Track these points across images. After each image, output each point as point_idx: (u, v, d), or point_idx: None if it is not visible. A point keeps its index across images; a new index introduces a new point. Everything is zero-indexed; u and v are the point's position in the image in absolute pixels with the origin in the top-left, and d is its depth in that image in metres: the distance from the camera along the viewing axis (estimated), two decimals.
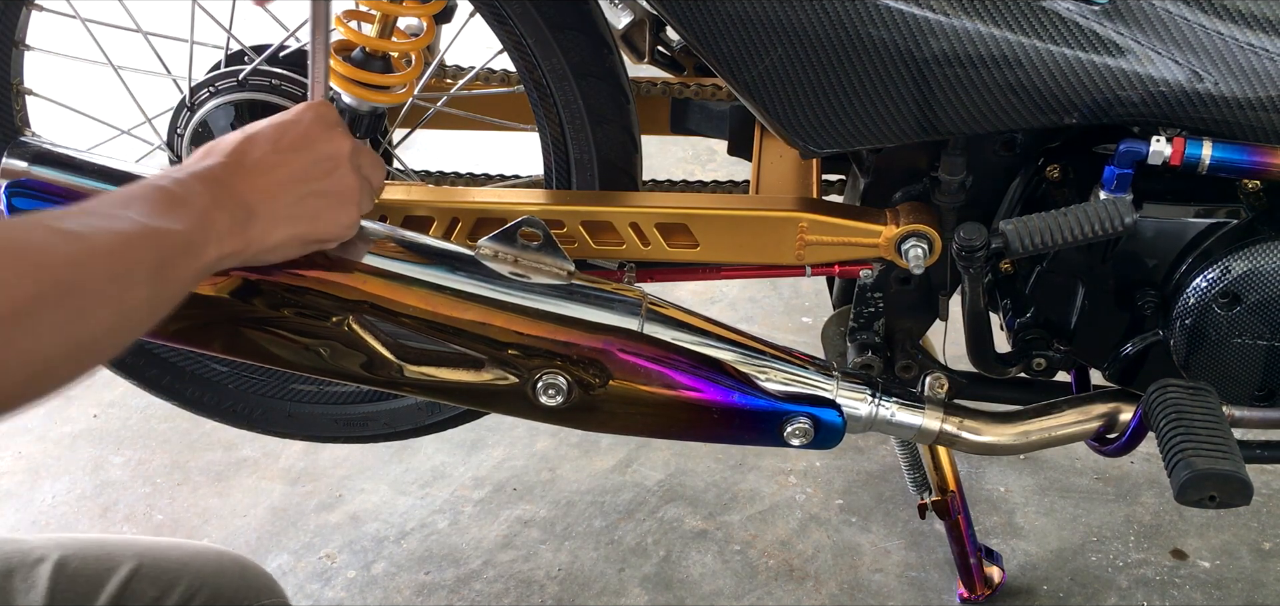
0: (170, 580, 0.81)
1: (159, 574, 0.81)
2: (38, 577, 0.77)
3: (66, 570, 0.79)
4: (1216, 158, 0.99)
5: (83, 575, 0.79)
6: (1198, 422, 0.95)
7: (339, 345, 0.96)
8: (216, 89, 1.27)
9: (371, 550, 1.56)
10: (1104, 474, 1.67)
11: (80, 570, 0.79)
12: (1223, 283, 1.03)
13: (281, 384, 1.42)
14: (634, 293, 1.02)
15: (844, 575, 1.51)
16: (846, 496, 1.64)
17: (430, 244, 1.01)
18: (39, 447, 1.75)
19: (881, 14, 0.96)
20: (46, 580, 0.77)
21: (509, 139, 1.48)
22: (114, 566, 0.80)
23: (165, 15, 1.42)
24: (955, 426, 1.06)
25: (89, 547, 0.82)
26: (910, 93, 0.99)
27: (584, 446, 1.72)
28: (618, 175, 1.20)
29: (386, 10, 1.12)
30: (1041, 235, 0.99)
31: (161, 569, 0.81)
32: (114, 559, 0.81)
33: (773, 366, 1.02)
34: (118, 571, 0.80)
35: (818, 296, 2.08)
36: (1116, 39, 0.96)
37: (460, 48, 1.39)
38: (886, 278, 1.17)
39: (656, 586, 1.50)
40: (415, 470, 1.69)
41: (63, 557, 0.79)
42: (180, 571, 0.82)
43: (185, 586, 0.81)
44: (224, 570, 0.85)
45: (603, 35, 1.13)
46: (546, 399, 0.98)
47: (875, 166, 1.14)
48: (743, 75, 1.01)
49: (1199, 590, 1.49)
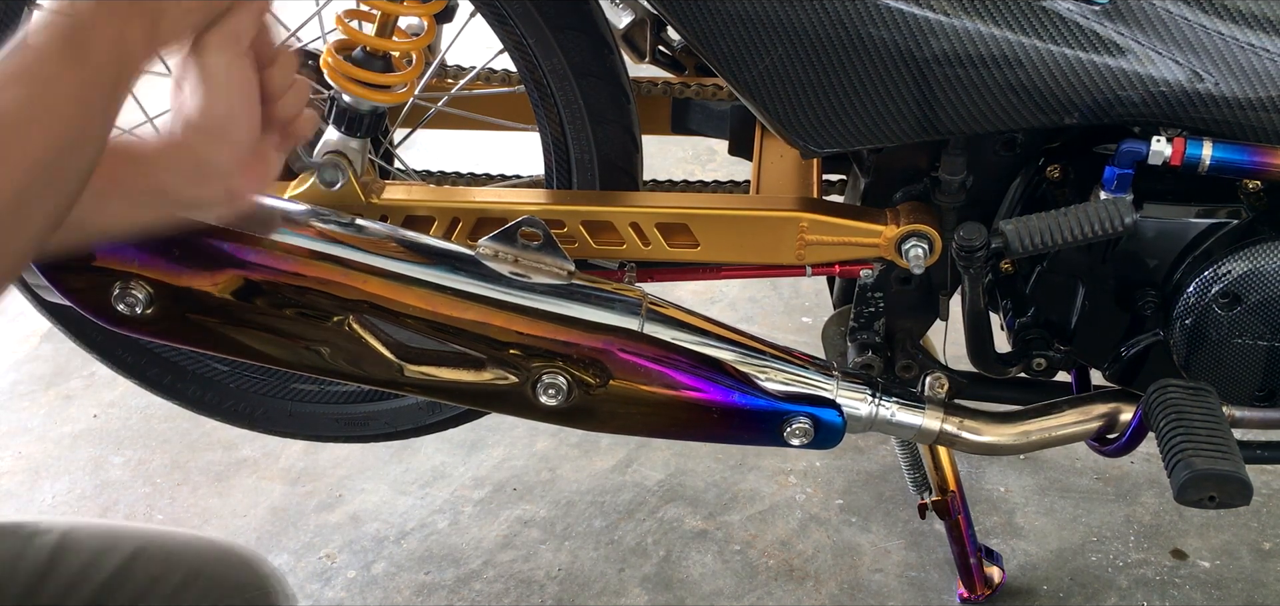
0: (173, 562, 0.82)
1: (163, 555, 0.83)
2: (38, 551, 0.79)
3: (67, 547, 0.80)
4: (1217, 158, 0.99)
5: (82, 552, 0.80)
6: (1198, 423, 0.96)
7: (340, 345, 0.96)
8: None
9: (371, 550, 1.56)
10: (1104, 474, 1.67)
11: (80, 548, 0.80)
12: (1223, 283, 1.03)
13: (282, 383, 1.43)
14: (634, 292, 1.02)
15: (844, 575, 1.51)
16: (846, 496, 1.64)
17: (431, 244, 1.01)
18: (39, 447, 1.75)
19: (882, 14, 0.96)
20: (46, 554, 0.79)
21: (509, 139, 1.48)
22: (117, 545, 0.82)
23: None
24: (955, 426, 1.06)
25: (93, 529, 0.83)
26: (911, 92, 0.99)
27: (584, 446, 1.72)
28: (618, 175, 1.20)
29: (387, 9, 1.12)
30: (1042, 235, 0.99)
31: (166, 551, 0.83)
32: (118, 539, 0.82)
33: (773, 366, 1.02)
34: (122, 549, 0.81)
35: (818, 296, 2.08)
36: (1117, 39, 0.96)
37: (461, 47, 1.39)
38: (887, 277, 1.18)
39: (656, 586, 1.50)
40: (415, 470, 1.69)
41: (66, 535, 0.81)
42: (183, 553, 0.83)
43: (187, 568, 0.82)
44: (227, 557, 0.86)
45: (603, 35, 1.13)
46: (547, 399, 0.98)
47: (875, 166, 1.14)
48: (743, 75, 1.01)
49: (1199, 590, 1.49)
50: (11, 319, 2.02)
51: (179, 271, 0.93)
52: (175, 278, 0.93)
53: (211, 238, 0.94)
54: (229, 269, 0.94)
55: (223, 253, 0.94)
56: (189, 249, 0.93)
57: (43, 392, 1.87)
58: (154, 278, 0.93)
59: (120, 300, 0.93)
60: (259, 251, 0.94)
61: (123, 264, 0.93)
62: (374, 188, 1.17)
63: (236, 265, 0.94)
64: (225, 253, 0.94)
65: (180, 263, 0.93)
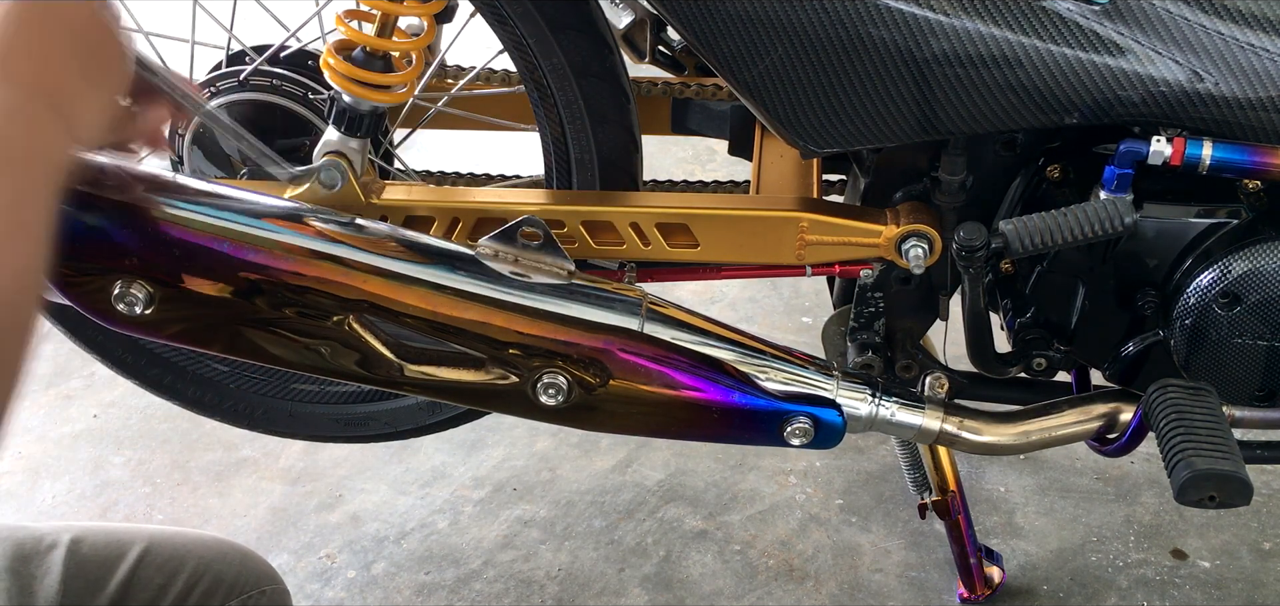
0: (176, 565, 0.84)
1: (165, 559, 0.84)
2: (52, 563, 0.80)
3: (79, 555, 0.81)
4: (1217, 158, 0.99)
5: (94, 559, 0.81)
6: (1198, 422, 0.96)
7: (340, 344, 0.96)
8: (217, 89, 1.27)
9: (371, 550, 1.56)
10: (1104, 474, 1.67)
11: (91, 555, 0.81)
12: (1223, 283, 1.03)
13: (282, 383, 1.43)
14: (634, 292, 1.02)
15: (844, 575, 1.51)
16: (846, 496, 1.64)
17: (431, 243, 1.01)
18: (39, 447, 1.75)
19: (882, 14, 0.96)
20: (61, 565, 0.80)
21: (509, 139, 1.48)
22: (123, 552, 0.83)
23: (166, 15, 1.42)
24: (955, 426, 1.06)
25: (99, 533, 0.84)
26: (911, 93, 0.99)
27: (584, 446, 1.72)
28: (618, 175, 1.20)
29: (387, 9, 1.12)
30: (1042, 235, 0.99)
31: (168, 554, 0.84)
32: (123, 544, 0.83)
33: (773, 366, 1.02)
34: (127, 556, 0.82)
35: (818, 296, 2.08)
36: (1117, 39, 0.96)
37: (461, 47, 1.39)
38: (887, 277, 1.17)
39: (656, 586, 1.50)
40: (415, 470, 1.69)
41: (75, 541, 0.82)
42: (185, 556, 0.85)
43: (190, 571, 0.84)
44: (226, 555, 0.87)
45: (603, 35, 1.13)
46: (547, 398, 0.98)
47: (876, 166, 1.14)
48: (743, 75, 1.01)
49: (1199, 590, 1.49)
50: None
51: (179, 271, 0.93)
52: (175, 278, 0.93)
53: (211, 237, 0.94)
54: (229, 269, 0.93)
55: (223, 252, 0.94)
56: (189, 249, 0.93)
57: (43, 392, 1.87)
58: (154, 278, 0.93)
59: (120, 300, 0.93)
60: (259, 251, 0.94)
61: (123, 264, 0.93)
62: (374, 188, 1.17)
63: (236, 265, 0.94)
64: (225, 252, 0.94)
65: (180, 263, 0.93)
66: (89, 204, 0.92)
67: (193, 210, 0.95)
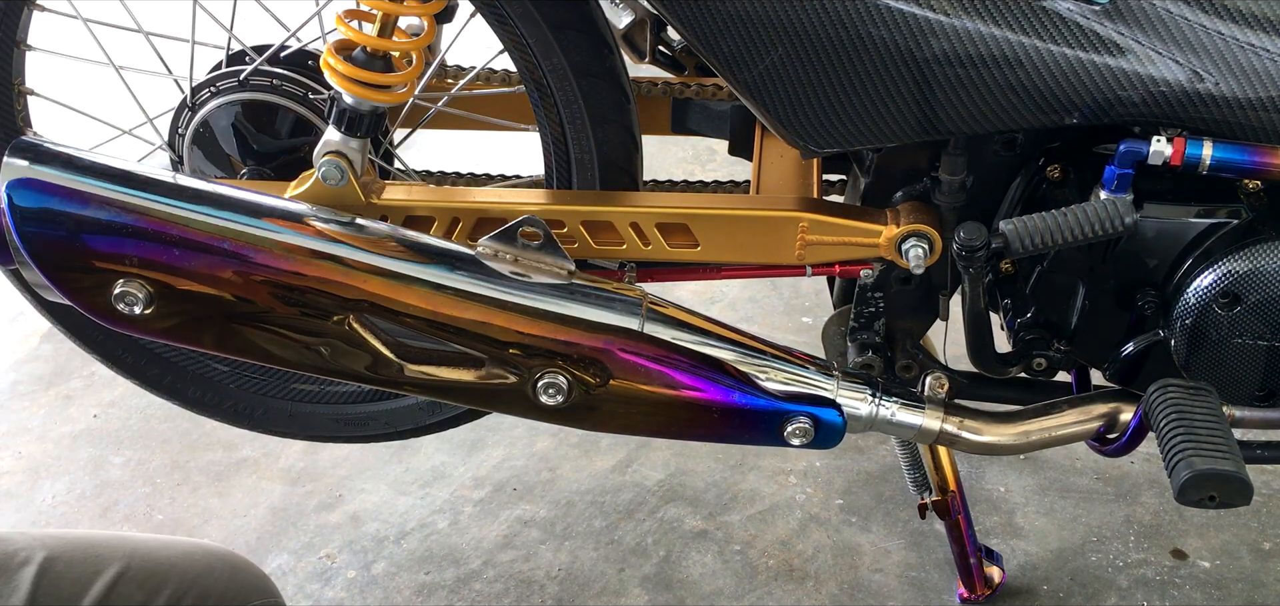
0: (158, 582, 0.79)
1: (146, 576, 0.79)
2: (21, 581, 0.75)
3: (51, 572, 0.76)
4: (1217, 158, 0.99)
5: (67, 577, 0.76)
6: (1198, 422, 0.96)
7: (340, 344, 0.96)
8: (218, 89, 1.27)
9: (371, 550, 1.56)
10: (1104, 474, 1.67)
11: (65, 572, 0.76)
12: (1223, 283, 1.03)
13: (282, 383, 1.43)
14: (634, 292, 1.02)
15: (844, 575, 1.51)
16: (846, 496, 1.64)
17: (431, 243, 1.01)
18: (39, 447, 1.75)
19: (882, 14, 0.96)
20: (30, 583, 0.75)
21: (509, 139, 1.48)
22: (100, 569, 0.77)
23: (166, 15, 1.42)
24: (955, 426, 1.06)
25: (76, 547, 0.79)
26: (911, 92, 0.99)
27: (584, 446, 1.72)
28: (618, 175, 1.20)
29: (387, 9, 1.12)
30: (1042, 235, 0.99)
31: (149, 570, 0.79)
32: (101, 559, 0.78)
33: (773, 366, 1.02)
34: (103, 574, 0.77)
35: (818, 296, 2.08)
36: (1117, 39, 0.96)
37: (461, 48, 1.39)
38: (887, 277, 1.18)
39: (656, 586, 1.50)
40: (415, 470, 1.69)
41: (48, 559, 0.76)
42: (168, 572, 0.80)
43: (173, 588, 0.79)
44: (214, 570, 0.83)
45: (603, 35, 1.13)
46: (547, 398, 0.98)
47: (876, 166, 1.14)
48: (743, 75, 1.01)
49: (1199, 590, 1.49)
50: (11, 319, 2.02)
51: (179, 271, 0.93)
52: (175, 277, 0.94)
53: (212, 237, 0.94)
54: (229, 269, 0.94)
55: (223, 252, 0.94)
56: (189, 249, 0.93)
57: (43, 392, 1.87)
58: (154, 278, 0.93)
59: (120, 300, 0.93)
60: (259, 251, 0.94)
61: (123, 264, 0.93)
62: (374, 188, 1.17)
63: (236, 265, 0.94)
64: (225, 252, 0.94)
65: (180, 262, 0.93)
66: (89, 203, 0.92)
67: (193, 210, 0.95)
